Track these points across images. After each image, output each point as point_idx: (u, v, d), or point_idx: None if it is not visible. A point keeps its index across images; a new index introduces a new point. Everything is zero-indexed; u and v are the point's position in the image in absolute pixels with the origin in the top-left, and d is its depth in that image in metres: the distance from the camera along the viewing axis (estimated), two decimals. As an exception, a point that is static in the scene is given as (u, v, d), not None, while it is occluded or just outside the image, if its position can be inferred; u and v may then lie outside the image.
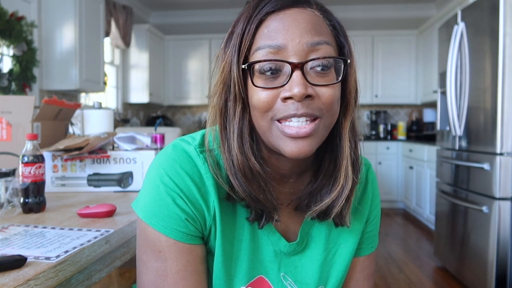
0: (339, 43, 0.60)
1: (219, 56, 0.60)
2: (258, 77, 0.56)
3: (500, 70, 2.14)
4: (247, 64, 0.56)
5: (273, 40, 0.55)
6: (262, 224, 0.62)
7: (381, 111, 5.42)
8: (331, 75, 0.56)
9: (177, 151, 0.61)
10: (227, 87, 0.58)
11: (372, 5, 5.36)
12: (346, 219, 0.64)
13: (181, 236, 0.59)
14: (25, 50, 2.94)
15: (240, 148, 0.58)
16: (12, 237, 0.74)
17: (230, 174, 0.59)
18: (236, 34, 0.57)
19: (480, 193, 2.34)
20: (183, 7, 5.53)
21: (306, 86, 0.54)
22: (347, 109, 0.61)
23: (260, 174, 0.58)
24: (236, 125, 0.58)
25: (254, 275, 0.65)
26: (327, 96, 0.55)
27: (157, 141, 1.54)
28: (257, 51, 0.56)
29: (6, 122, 1.29)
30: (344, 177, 0.60)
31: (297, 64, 0.54)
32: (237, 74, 0.57)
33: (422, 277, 2.79)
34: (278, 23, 0.55)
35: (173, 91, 5.52)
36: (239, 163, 0.58)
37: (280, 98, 0.55)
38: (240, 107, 0.58)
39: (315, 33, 0.55)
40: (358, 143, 0.63)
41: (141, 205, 0.61)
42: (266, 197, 0.59)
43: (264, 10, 0.56)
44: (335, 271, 0.70)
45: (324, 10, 0.59)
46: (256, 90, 0.56)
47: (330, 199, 0.61)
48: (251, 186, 0.58)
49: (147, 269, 0.60)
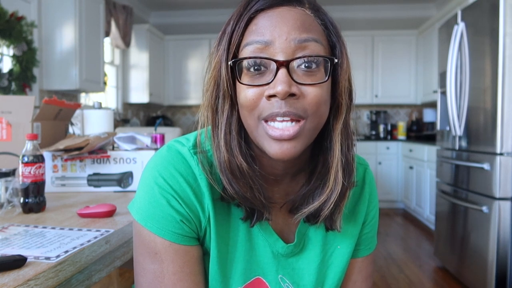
0: (331, 43, 0.59)
1: (213, 53, 0.61)
2: (245, 74, 0.56)
3: (500, 70, 2.14)
4: (233, 61, 0.56)
5: (260, 36, 0.54)
6: (253, 222, 0.61)
7: (381, 111, 5.42)
8: (319, 74, 0.55)
9: (171, 152, 0.61)
10: (217, 84, 0.59)
11: (372, 5, 5.35)
12: (337, 224, 0.63)
13: (176, 237, 0.59)
14: (25, 50, 2.94)
15: (226, 146, 0.58)
16: (12, 237, 0.74)
17: (220, 172, 0.59)
18: (227, 32, 0.58)
19: (480, 193, 2.34)
20: (183, 7, 5.53)
21: (291, 84, 0.53)
22: (338, 111, 0.59)
23: (248, 172, 0.58)
24: (224, 122, 0.59)
25: (251, 276, 0.65)
26: (313, 96, 0.54)
27: (157, 141, 1.54)
28: (245, 47, 0.56)
29: (6, 122, 1.29)
30: (333, 181, 0.59)
31: (283, 62, 0.53)
32: (225, 72, 0.57)
33: (422, 277, 2.79)
34: (266, 20, 0.55)
35: (173, 91, 5.52)
36: (225, 160, 0.58)
37: (265, 95, 0.55)
38: (228, 104, 0.58)
39: (303, 30, 0.55)
40: (352, 146, 0.62)
41: (136, 207, 0.61)
42: (254, 195, 0.59)
43: (253, 8, 0.56)
44: (332, 273, 0.69)
45: (317, 9, 0.59)
46: (243, 87, 0.56)
47: (319, 202, 0.60)
48: (238, 183, 0.58)
49: (144, 271, 0.60)
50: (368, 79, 5.22)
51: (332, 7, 5.15)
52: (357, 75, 5.13)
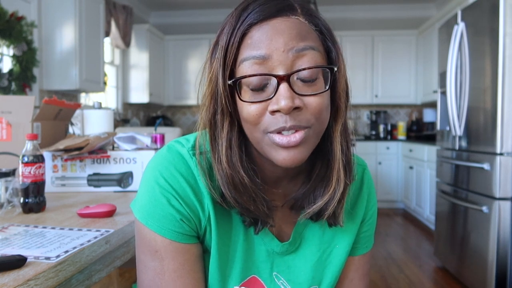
0: (327, 48, 0.59)
1: (206, 67, 0.60)
2: (245, 90, 0.56)
3: (500, 70, 2.14)
4: (232, 80, 0.55)
5: (257, 50, 0.54)
6: (257, 229, 0.63)
7: (381, 111, 5.42)
8: (319, 83, 0.56)
9: (171, 153, 0.62)
10: (215, 100, 0.58)
11: (372, 5, 5.35)
12: (339, 219, 0.65)
13: (176, 236, 0.60)
14: (25, 50, 2.94)
15: (228, 161, 0.58)
16: (12, 237, 0.74)
17: (221, 185, 0.59)
18: (220, 46, 0.57)
19: (480, 193, 2.34)
20: (183, 7, 5.53)
21: (293, 98, 0.53)
22: (338, 114, 0.60)
23: (250, 186, 0.58)
24: (224, 138, 0.58)
25: (247, 275, 0.66)
26: (315, 106, 0.55)
27: (157, 141, 1.54)
28: (242, 63, 0.55)
29: (6, 122, 1.29)
30: (336, 180, 0.60)
31: (283, 76, 0.53)
32: (223, 89, 0.56)
33: (422, 277, 2.79)
34: (261, 34, 0.54)
35: (173, 91, 5.52)
36: (227, 175, 0.58)
37: (269, 111, 0.55)
38: (228, 120, 0.58)
39: (300, 39, 0.54)
40: (350, 145, 0.63)
41: (137, 206, 0.62)
42: (257, 207, 0.59)
43: (247, 22, 0.55)
44: (329, 272, 0.70)
45: (310, 15, 0.58)
46: (244, 104, 0.56)
47: (323, 201, 0.61)
48: (241, 197, 0.58)
49: (145, 268, 0.62)
50: (368, 79, 5.21)
51: (332, 7, 5.15)
52: (357, 75, 5.14)
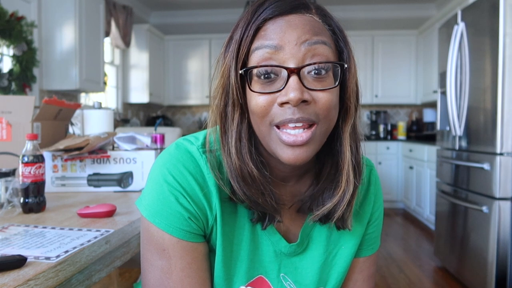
0: (339, 48, 0.59)
1: (219, 60, 0.61)
2: (255, 81, 0.56)
3: (500, 70, 2.14)
4: (244, 69, 0.56)
5: (270, 40, 0.55)
6: (265, 225, 0.62)
7: (381, 111, 5.42)
8: (329, 79, 0.56)
9: (180, 150, 0.62)
10: (226, 92, 0.59)
11: (372, 5, 5.35)
12: (348, 223, 0.65)
13: (184, 234, 0.59)
14: (25, 50, 2.94)
15: (238, 153, 0.58)
16: (12, 237, 0.74)
17: (230, 177, 0.59)
18: (235, 40, 0.58)
19: (480, 193, 2.34)
20: (183, 7, 5.53)
21: (303, 91, 0.54)
22: (347, 114, 0.60)
23: (259, 178, 0.58)
24: (234, 130, 0.59)
25: (254, 275, 0.66)
26: (324, 101, 0.55)
27: (157, 141, 1.54)
28: (254, 52, 0.56)
29: (6, 122, 1.29)
30: (345, 182, 0.60)
31: (294, 69, 0.54)
32: (235, 80, 0.57)
33: (422, 277, 2.79)
34: (276, 27, 0.55)
35: (173, 91, 5.52)
36: (237, 167, 0.58)
37: (277, 103, 0.55)
38: (238, 112, 0.59)
39: (313, 34, 0.55)
40: (360, 147, 0.63)
41: (144, 204, 0.61)
42: (266, 200, 0.59)
43: (262, 17, 0.56)
44: (335, 273, 0.70)
45: (324, 15, 0.59)
46: (253, 95, 0.56)
47: (332, 203, 0.61)
48: (250, 190, 0.58)
49: (152, 267, 0.61)
50: (368, 79, 5.21)
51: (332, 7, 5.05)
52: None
